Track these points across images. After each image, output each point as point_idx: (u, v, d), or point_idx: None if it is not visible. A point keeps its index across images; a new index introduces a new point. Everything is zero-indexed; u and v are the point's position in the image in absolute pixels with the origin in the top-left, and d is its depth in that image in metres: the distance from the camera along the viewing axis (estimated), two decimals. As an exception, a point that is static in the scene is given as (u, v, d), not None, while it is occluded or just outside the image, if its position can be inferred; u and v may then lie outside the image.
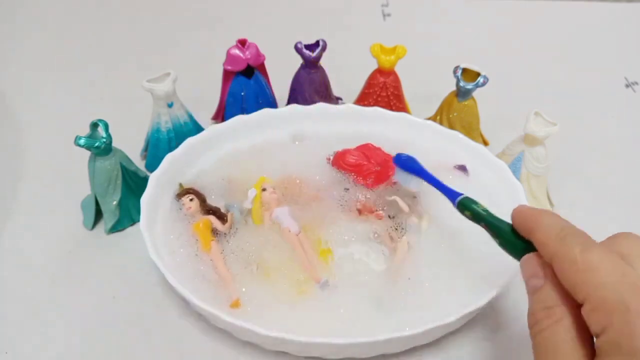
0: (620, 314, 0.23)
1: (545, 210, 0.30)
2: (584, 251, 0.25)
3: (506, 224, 0.32)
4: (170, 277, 0.36)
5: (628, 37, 0.75)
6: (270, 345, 0.36)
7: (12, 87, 0.62)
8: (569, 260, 0.25)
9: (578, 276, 0.25)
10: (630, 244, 0.26)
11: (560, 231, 0.27)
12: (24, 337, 0.39)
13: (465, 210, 0.35)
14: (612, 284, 0.24)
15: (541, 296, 0.26)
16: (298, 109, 0.50)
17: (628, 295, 0.23)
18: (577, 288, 0.25)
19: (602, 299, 0.23)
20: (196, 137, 0.46)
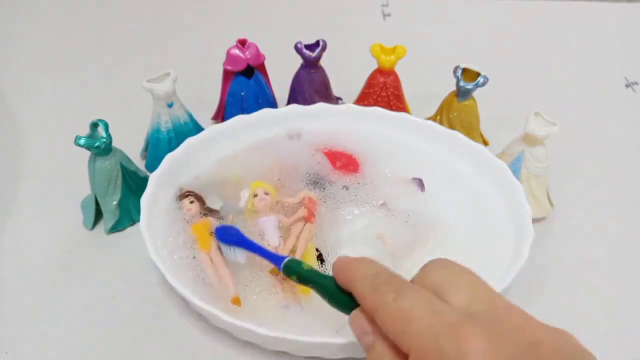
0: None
1: (362, 259, 0.29)
2: (397, 299, 0.25)
3: (331, 280, 0.30)
4: (170, 277, 0.36)
5: (628, 37, 0.74)
6: (270, 345, 0.36)
7: (12, 87, 0.62)
8: (385, 312, 0.25)
9: (397, 327, 0.24)
10: (441, 273, 0.26)
11: (373, 280, 0.27)
12: (24, 337, 0.39)
13: (291, 274, 0.33)
14: (426, 330, 0.23)
15: (375, 353, 0.26)
16: (298, 109, 0.50)
17: (442, 338, 0.23)
18: (399, 340, 0.24)
19: (421, 347, 0.23)
20: (196, 137, 0.46)
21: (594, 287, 0.43)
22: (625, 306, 0.42)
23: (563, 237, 0.47)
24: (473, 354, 0.22)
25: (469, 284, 0.26)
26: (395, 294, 0.25)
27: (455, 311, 0.24)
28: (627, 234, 0.47)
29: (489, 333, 0.22)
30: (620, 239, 0.47)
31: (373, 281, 0.27)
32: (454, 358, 0.22)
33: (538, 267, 0.43)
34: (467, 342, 0.22)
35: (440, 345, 0.23)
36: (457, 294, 0.25)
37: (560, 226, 0.47)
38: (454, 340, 0.22)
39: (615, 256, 0.45)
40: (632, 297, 0.42)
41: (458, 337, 0.22)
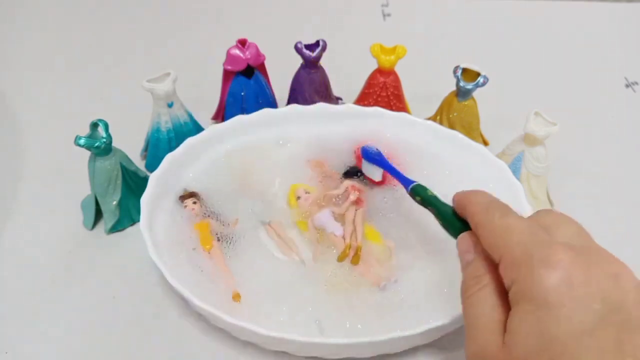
0: (526, 267, 0.24)
1: (479, 190, 0.32)
2: (502, 217, 0.28)
3: (449, 207, 0.34)
4: (170, 277, 0.36)
5: (628, 37, 0.75)
6: (270, 345, 0.36)
7: (12, 87, 0.62)
8: (489, 225, 0.28)
9: (495, 238, 0.27)
10: (550, 217, 0.28)
11: (486, 204, 0.30)
12: (24, 337, 0.39)
13: (416, 195, 0.37)
14: (523, 242, 0.26)
15: (472, 267, 0.28)
16: (298, 109, 0.50)
17: (534, 248, 0.25)
18: (494, 249, 0.27)
19: (513, 255, 0.26)
20: (196, 137, 0.46)
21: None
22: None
23: (563, 237, 0.47)
24: (559, 263, 0.24)
25: (573, 228, 0.28)
26: (501, 213, 0.28)
27: (553, 238, 0.26)
28: (627, 234, 0.47)
29: (578, 254, 0.24)
30: (620, 239, 0.47)
31: (487, 205, 0.30)
32: (540, 263, 0.24)
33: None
34: (555, 253, 0.24)
35: (530, 252, 0.25)
36: (560, 231, 0.27)
37: (560, 226, 0.47)
38: (543, 250, 0.24)
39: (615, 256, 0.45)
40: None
41: (548, 249, 0.24)
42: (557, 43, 0.72)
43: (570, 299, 0.23)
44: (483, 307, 0.26)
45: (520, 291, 0.24)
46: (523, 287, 0.24)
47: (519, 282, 0.25)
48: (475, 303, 0.27)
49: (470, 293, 0.28)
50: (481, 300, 0.27)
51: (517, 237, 0.26)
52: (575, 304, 0.23)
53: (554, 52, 0.70)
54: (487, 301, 0.26)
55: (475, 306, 0.27)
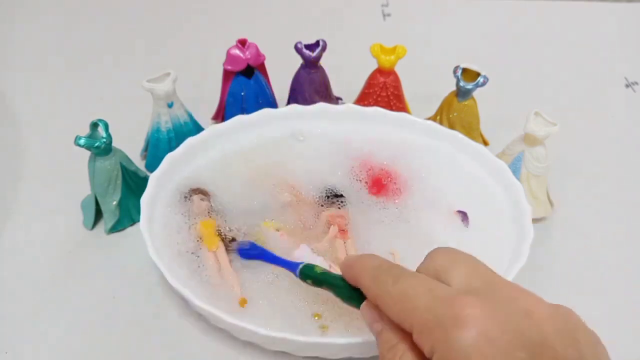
0: (439, 333, 0.23)
1: (365, 255, 0.31)
2: (395, 283, 0.26)
3: (341, 279, 0.32)
4: (170, 277, 0.36)
5: (628, 37, 0.74)
6: (270, 345, 0.36)
7: (12, 87, 0.62)
8: (386, 296, 0.27)
9: (397, 308, 0.26)
10: (443, 258, 0.28)
11: (375, 270, 0.28)
12: (24, 337, 0.39)
13: (307, 278, 0.34)
14: (424, 304, 0.25)
15: (383, 338, 0.27)
16: (298, 109, 0.50)
17: (439, 310, 0.24)
18: (401, 320, 0.26)
19: (422, 323, 0.24)
20: (196, 137, 0.46)
21: (594, 287, 0.43)
22: (625, 306, 0.42)
23: (563, 237, 0.47)
24: (470, 319, 0.23)
25: (468, 266, 0.27)
26: (395, 279, 0.27)
27: (452, 288, 0.25)
28: (627, 234, 0.47)
29: (484, 301, 0.23)
30: (620, 239, 0.47)
31: (375, 272, 0.28)
32: (452, 325, 0.23)
33: (538, 267, 0.43)
34: (462, 309, 0.23)
35: (437, 315, 0.24)
36: (457, 276, 0.26)
37: (560, 226, 0.47)
38: (450, 309, 0.23)
39: (615, 256, 0.45)
40: (632, 297, 0.42)
41: (454, 306, 0.23)
42: (557, 43, 0.72)
43: (494, 354, 0.22)
44: None
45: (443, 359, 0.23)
46: (444, 354, 0.23)
47: (438, 350, 0.23)
48: None
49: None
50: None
51: (419, 302, 0.25)
52: (500, 357, 0.22)
53: (554, 52, 0.70)
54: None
55: None
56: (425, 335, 0.24)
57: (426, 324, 0.24)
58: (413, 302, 0.25)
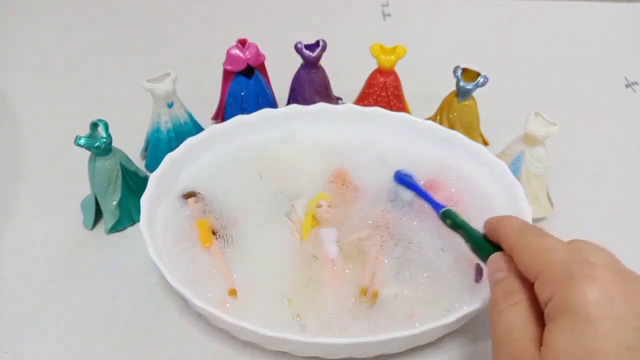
0: (566, 282, 0.25)
1: (512, 216, 0.33)
2: (539, 237, 0.29)
3: (479, 232, 0.35)
4: (170, 277, 0.36)
5: (628, 37, 0.74)
6: (270, 345, 0.36)
7: (12, 87, 0.62)
8: (525, 246, 0.29)
9: (532, 257, 0.28)
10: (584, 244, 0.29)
11: (521, 225, 0.31)
12: (24, 337, 0.39)
13: (447, 219, 0.39)
14: (561, 260, 0.26)
15: (504, 284, 0.29)
16: (298, 109, 0.50)
17: (575, 265, 0.25)
18: (531, 267, 0.27)
19: (553, 271, 0.26)
20: (196, 137, 0.46)
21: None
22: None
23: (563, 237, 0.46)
24: (598, 280, 0.24)
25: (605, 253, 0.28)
26: (539, 234, 0.29)
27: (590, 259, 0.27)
28: (627, 234, 0.47)
29: (616, 274, 0.25)
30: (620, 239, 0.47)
31: (521, 227, 0.30)
32: (582, 279, 0.24)
33: (538, 267, 0.43)
34: (595, 272, 0.25)
35: (570, 269, 0.25)
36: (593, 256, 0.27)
37: (560, 226, 0.47)
38: (584, 268, 0.25)
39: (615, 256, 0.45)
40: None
41: (588, 267, 0.25)
42: (557, 43, 0.72)
43: (612, 315, 0.23)
44: (516, 322, 0.26)
45: (559, 305, 0.25)
46: (563, 300, 0.24)
47: (557, 297, 0.25)
48: (507, 318, 0.27)
49: (501, 308, 0.28)
50: (514, 315, 0.27)
51: (557, 255, 0.27)
52: (616, 320, 0.23)
53: (554, 52, 0.70)
54: (520, 317, 0.27)
55: (507, 321, 0.27)
56: (549, 283, 0.26)
57: (556, 273, 0.26)
58: (551, 255, 0.27)
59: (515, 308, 0.27)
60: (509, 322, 0.27)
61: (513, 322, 0.27)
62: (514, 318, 0.27)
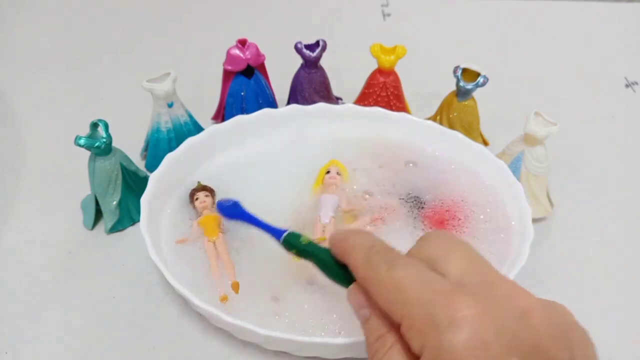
0: (431, 332, 0.22)
1: (357, 231, 0.29)
2: (389, 269, 0.25)
3: (328, 253, 0.30)
4: (170, 277, 0.36)
5: (628, 37, 0.74)
6: (270, 345, 0.36)
7: (12, 87, 0.62)
8: (377, 282, 0.25)
9: (389, 297, 0.25)
10: (439, 244, 0.26)
11: (367, 251, 0.27)
12: (24, 337, 0.39)
13: (290, 248, 0.33)
14: (418, 298, 0.23)
15: (371, 326, 0.26)
16: (298, 109, 0.50)
17: (433, 307, 0.23)
18: (391, 309, 0.24)
19: (412, 316, 0.23)
20: (196, 137, 0.46)
21: (594, 287, 0.43)
22: (625, 306, 0.42)
23: (563, 237, 0.47)
24: (463, 321, 0.22)
25: (464, 256, 0.26)
26: (388, 265, 0.25)
27: (447, 282, 0.24)
28: (627, 234, 0.47)
29: (479, 301, 0.23)
30: (620, 239, 0.47)
31: (367, 253, 0.26)
32: (445, 325, 0.22)
33: (538, 267, 0.43)
34: (457, 310, 0.22)
35: (430, 313, 0.22)
36: (451, 266, 0.25)
37: (560, 226, 0.47)
38: (444, 308, 0.22)
39: (615, 256, 0.45)
40: (632, 297, 0.42)
41: (449, 305, 0.22)
42: (557, 43, 0.72)
43: (487, 357, 0.21)
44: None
45: (433, 358, 0.22)
46: (434, 355, 0.22)
47: (428, 351, 0.22)
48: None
49: (379, 357, 0.25)
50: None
51: (412, 294, 0.24)
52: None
53: (554, 52, 0.70)
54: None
55: None
56: (415, 331, 0.23)
57: (418, 320, 0.23)
58: (406, 294, 0.24)
59: (392, 354, 0.24)
60: None
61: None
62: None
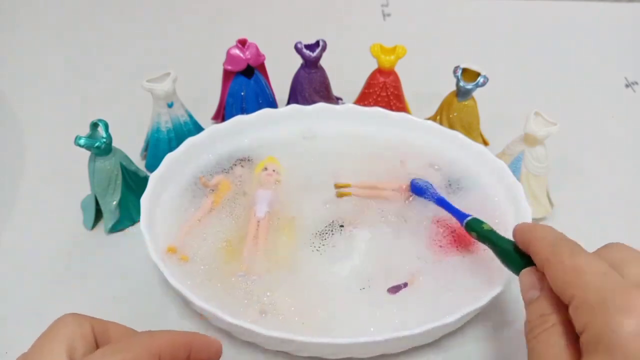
0: (600, 312, 0.24)
1: (543, 225, 0.32)
2: (572, 255, 0.27)
3: (508, 241, 0.33)
4: (170, 277, 0.36)
5: (628, 37, 0.75)
6: (270, 345, 0.36)
7: (12, 87, 0.62)
8: (558, 264, 0.27)
9: (565, 278, 0.26)
10: (619, 251, 0.28)
11: (553, 240, 0.29)
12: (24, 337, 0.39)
13: (471, 230, 0.37)
14: (595, 284, 0.25)
15: (537, 305, 0.28)
16: (298, 109, 0.50)
17: (608, 294, 0.24)
18: (564, 289, 0.26)
19: (585, 298, 0.25)
20: (196, 137, 0.46)
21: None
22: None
23: (563, 237, 0.46)
24: (636, 309, 0.23)
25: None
26: (572, 252, 0.27)
27: (626, 279, 0.25)
28: (627, 234, 0.47)
29: None
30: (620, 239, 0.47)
31: (553, 240, 0.29)
32: (618, 309, 0.23)
33: (538, 267, 0.43)
34: (633, 299, 0.23)
35: (605, 298, 0.24)
36: (631, 270, 0.26)
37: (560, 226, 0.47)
38: (620, 295, 0.24)
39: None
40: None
41: (624, 294, 0.23)
42: (557, 43, 0.72)
43: None
44: (552, 349, 0.26)
45: (594, 338, 0.23)
46: (598, 334, 0.23)
47: (592, 328, 0.24)
48: (542, 344, 0.26)
49: (537, 333, 0.27)
50: (549, 341, 0.26)
51: (590, 279, 0.25)
52: None
53: (554, 52, 0.70)
54: (556, 343, 0.26)
55: (543, 347, 0.26)
56: (583, 311, 0.24)
57: (589, 300, 0.24)
58: (584, 278, 0.25)
59: (550, 333, 0.26)
60: (544, 348, 0.26)
61: (548, 348, 0.26)
62: (549, 344, 0.26)
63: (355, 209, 0.44)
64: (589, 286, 0.25)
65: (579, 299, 0.25)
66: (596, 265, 0.26)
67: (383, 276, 0.39)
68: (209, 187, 0.45)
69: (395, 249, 0.41)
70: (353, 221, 0.43)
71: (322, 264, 0.40)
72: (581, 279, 0.25)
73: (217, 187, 0.45)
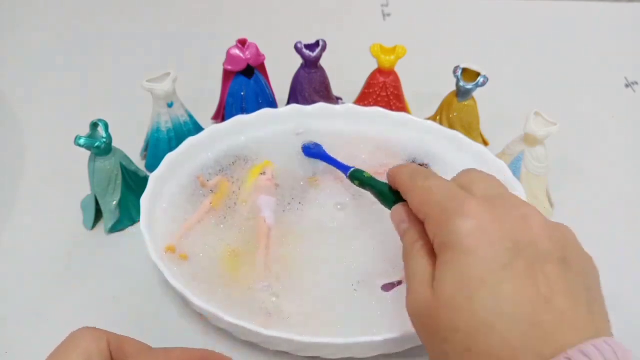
0: (443, 220, 0.27)
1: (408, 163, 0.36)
2: (425, 179, 0.31)
3: (383, 184, 0.37)
4: (170, 277, 0.36)
5: (628, 37, 0.74)
6: (270, 345, 0.36)
7: (12, 87, 0.62)
8: (414, 189, 0.31)
9: (420, 199, 0.30)
10: (469, 174, 0.31)
11: (411, 171, 0.33)
12: (24, 337, 0.39)
13: (355, 180, 0.40)
14: (438, 200, 0.28)
15: (408, 236, 0.31)
16: (298, 109, 0.50)
17: (450, 203, 0.28)
18: (419, 210, 0.30)
19: (434, 212, 0.28)
20: (196, 137, 0.46)
21: (594, 287, 0.43)
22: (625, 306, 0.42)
23: (563, 237, 0.46)
24: (471, 212, 0.26)
25: (487, 181, 0.30)
26: (425, 177, 0.31)
27: (468, 193, 0.28)
28: (627, 234, 0.47)
29: (489, 203, 0.27)
30: (620, 239, 0.47)
31: (412, 172, 0.32)
32: (454, 214, 0.26)
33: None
34: (468, 205, 0.27)
35: (447, 208, 0.27)
36: (477, 187, 0.29)
37: (560, 226, 0.47)
38: (458, 203, 0.27)
39: (615, 256, 0.45)
40: (632, 297, 0.42)
41: (463, 204, 0.27)
42: (557, 43, 0.72)
43: (484, 242, 0.25)
44: (417, 265, 0.28)
45: (441, 242, 0.27)
46: (443, 238, 0.27)
47: (439, 236, 0.27)
48: (411, 263, 0.29)
49: (409, 257, 0.30)
50: (416, 260, 0.29)
51: (437, 196, 0.29)
52: (489, 245, 0.25)
53: (554, 52, 0.70)
54: (420, 259, 0.29)
55: (411, 266, 0.29)
56: (432, 223, 0.28)
57: (436, 214, 0.28)
58: (432, 196, 0.29)
59: (418, 254, 0.29)
60: (412, 266, 0.29)
61: (415, 265, 0.29)
62: (416, 262, 0.29)
63: (354, 209, 0.44)
64: (435, 202, 0.28)
65: (429, 215, 0.28)
66: (444, 186, 0.29)
67: (381, 275, 0.39)
68: (208, 188, 0.44)
69: (391, 247, 0.41)
70: (350, 222, 0.43)
71: (322, 263, 0.40)
72: (431, 197, 0.29)
73: (216, 187, 0.45)
